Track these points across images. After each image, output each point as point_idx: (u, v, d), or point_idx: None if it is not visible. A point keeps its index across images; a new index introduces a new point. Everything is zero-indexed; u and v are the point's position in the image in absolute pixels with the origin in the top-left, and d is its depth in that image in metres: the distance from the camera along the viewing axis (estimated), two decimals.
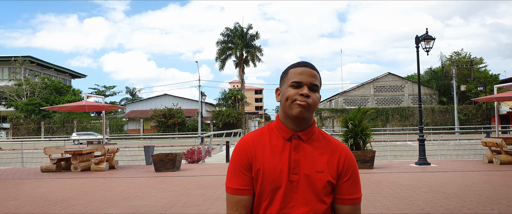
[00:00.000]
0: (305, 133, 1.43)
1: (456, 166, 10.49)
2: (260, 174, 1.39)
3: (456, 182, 7.66)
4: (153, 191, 7.25)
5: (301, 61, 1.46)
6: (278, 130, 1.46)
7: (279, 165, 1.39)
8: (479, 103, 38.68)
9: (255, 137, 1.47)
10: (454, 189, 6.82)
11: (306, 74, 1.40)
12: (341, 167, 1.42)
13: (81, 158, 10.95)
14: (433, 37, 10.58)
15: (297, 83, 1.39)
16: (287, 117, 1.42)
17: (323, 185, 1.38)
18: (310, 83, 1.40)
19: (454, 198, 6.03)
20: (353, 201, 1.43)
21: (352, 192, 1.43)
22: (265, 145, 1.43)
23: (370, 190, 6.93)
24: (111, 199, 6.49)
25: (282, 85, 1.47)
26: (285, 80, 1.45)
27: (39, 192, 7.35)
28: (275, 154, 1.41)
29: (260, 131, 1.49)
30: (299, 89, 1.39)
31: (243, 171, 1.42)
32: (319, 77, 1.44)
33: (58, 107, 12.03)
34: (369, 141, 10.28)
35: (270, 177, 1.38)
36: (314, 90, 1.41)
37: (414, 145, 22.97)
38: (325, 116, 41.78)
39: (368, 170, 9.74)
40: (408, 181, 7.92)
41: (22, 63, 43.57)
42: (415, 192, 6.64)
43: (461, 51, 44.78)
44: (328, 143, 1.47)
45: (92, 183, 8.62)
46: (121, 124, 43.33)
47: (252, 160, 1.41)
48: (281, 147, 1.42)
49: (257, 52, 45.76)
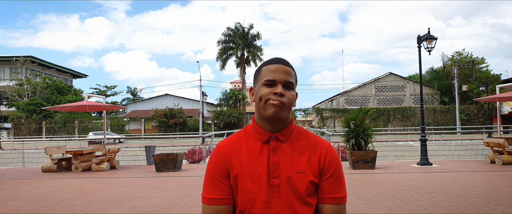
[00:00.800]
0: (282, 133, 1.36)
1: (458, 166, 10.44)
2: (239, 181, 1.31)
3: (458, 182, 7.62)
4: (154, 191, 7.23)
5: (274, 57, 1.38)
6: (254, 132, 1.38)
7: (257, 169, 1.31)
8: (480, 103, 38.60)
9: (231, 142, 1.39)
10: (456, 189, 6.78)
11: (279, 72, 1.32)
12: (322, 164, 1.35)
13: (82, 158, 10.94)
14: (435, 37, 10.54)
15: (270, 81, 1.31)
16: (262, 118, 1.34)
17: (305, 186, 1.30)
18: (284, 80, 1.32)
19: (457, 198, 5.99)
20: (336, 200, 1.34)
21: (335, 190, 1.34)
22: (241, 150, 1.35)
23: (372, 190, 6.89)
24: (112, 200, 6.47)
25: (256, 84, 1.39)
26: (258, 79, 1.37)
27: (39, 192, 7.34)
28: (252, 159, 1.33)
29: (236, 136, 1.42)
30: (272, 88, 1.31)
31: (220, 179, 1.34)
32: (294, 74, 1.36)
33: (59, 106, 12.03)
34: (371, 141, 10.25)
35: (249, 184, 1.30)
36: (289, 88, 1.33)
37: (416, 145, 22.91)
38: (326, 116, 41.74)
39: (369, 170, 9.70)
40: (410, 181, 7.88)
41: (24, 63, 43.62)
42: (417, 192, 6.60)
43: (462, 51, 44.76)
44: (308, 141, 1.39)
45: (93, 183, 8.60)
46: (122, 124, 43.36)
47: (229, 167, 1.34)
48: (259, 151, 1.34)
49: (258, 52, 45.77)
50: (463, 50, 45.36)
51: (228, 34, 45.69)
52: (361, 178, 8.48)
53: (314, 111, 48.30)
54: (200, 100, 37.28)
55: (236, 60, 46.03)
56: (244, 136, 1.40)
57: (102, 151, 11.18)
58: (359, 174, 9.10)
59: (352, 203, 5.85)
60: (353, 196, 6.39)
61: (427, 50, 10.67)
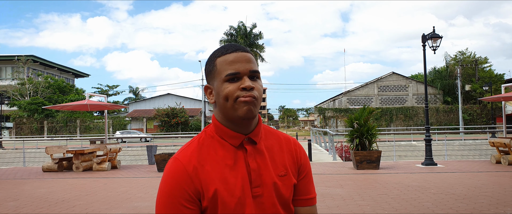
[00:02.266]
0: (254, 134, 1.15)
1: (463, 166, 10.31)
2: (219, 200, 1.06)
3: (464, 183, 7.49)
4: (155, 192, 7.12)
5: (227, 45, 1.13)
6: (222, 137, 1.14)
7: (237, 181, 1.09)
8: (484, 103, 38.39)
9: (195, 153, 1.11)
10: (463, 190, 6.66)
11: (241, 61, 1.09)
12: (299, 163, 1.21)
13: (83, 157, 10.84)
14: (440, 36, 10.40)
15: (233, 75, 1.07)
16: (231, 120, 1.11)
17: (289, 190, 1.15)
18: (249, 70, 1.09)
19: (464, 199, 5.86)
20: (310, 201, 1.21)
21: (310, 191, 1.22)
22: (212, 162, 1.10)
23: (377, 191, 6.77)
24: (113, 200, 6.37)
25: (213, 81, 1.13)
26: (214, 74, 1.12)
27: (39, 193, 7.24)
28: (228, 169, 1.10)
29: (197, 144, 1.14)
30: (238, 82, 1.08)
31: (185, 205, 1.05)
32: (255, 61, 1.13)
33: (60, 106, 11.94)
34: (375, 141, 10.12)
35: (230, 200, 1.06)
36: (256, 77, 1.11)
37: (419, 145, 22.78)
38: (328, 116, 41.59)
39: (374, 171, 9.57)
40: (415, 182, 7.75)
41: (25, 62, 43.58)
42: (423, 193, 6.48)
43: (465, 50, 44.51)
44: (277, 137, 1.22)
45: (94, 183, 8.50)
46: (124, 123, 43.31)
47: (201, 186, 1.06)
48: (233, 158, 1.11)
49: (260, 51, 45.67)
50: (466, 49, 45.06)
51: (230, 33, 45.58)
52: (365, 179, 8.36)
53: (317, 111, 48.16)
54: (202, 99, 37.19)
55: None
56: (208, 143, 1.14)
57: (103, 151, 11.08)
58: (364, 174, 8.98)
59: (358, 204, 5.73)
60: (358, 197, 6.27)
61: (432, 49, 10.54)
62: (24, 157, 13.52)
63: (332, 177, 8.68)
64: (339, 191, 6.85)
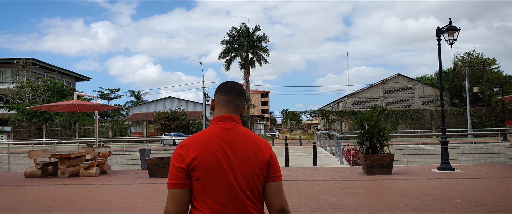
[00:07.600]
0: None
1: (484, 171, 9.37)
2: None
3: (493, 191, 6.57)
4: (141, 202, 6.26)
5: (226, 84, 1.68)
6: None
7: None
8: (493, 105, 37.30)
9: None
10: (494, 200, 5.74)
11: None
12: None
13: (69, 162, 10.00)
14: (458, 28, 9.50)
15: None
16: None
17: None
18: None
19: (500, 212, 4.95)
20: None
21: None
22: None
23: (394, 201, 5.86)
24: (89, 211, 5.50)
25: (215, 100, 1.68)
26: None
27: (9, 203, 6.38)
28: None
29: None
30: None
31: None
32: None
33: (46, 106, 11.02)
34: (387, 143, 9.20)
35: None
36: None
37: (427, 148, 21.88)
38: (332, 119, 40.64)
39: (386, 176, 8.66)
40: (435, 189, 6.84)
41: (25, 65, 42.93)
42: (448, 203, 5.57)
43: (473, 51, 43.47)
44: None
45: (76, 191, 7.64)
46: (124, 127, 42.52)
47: None
48: None
49: (264, 54, 44.86)
50: (473, 51, 44.05)
51: (232, 34, 44.81)
52: (378, 186, 7.45)
53: (320, 113, 47.17)
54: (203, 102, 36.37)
55: (240, 62, 45.11)
56: None
57: (91, 155, 10.22)
58: (376, 181, 8.07)
59: None
60: (373, 207, 5.37)
61: (448, 43, 9.62)
62: (8, 161, 12.64)
63: (340, 184, 7.77)
64: (350, 200, 5.95)
